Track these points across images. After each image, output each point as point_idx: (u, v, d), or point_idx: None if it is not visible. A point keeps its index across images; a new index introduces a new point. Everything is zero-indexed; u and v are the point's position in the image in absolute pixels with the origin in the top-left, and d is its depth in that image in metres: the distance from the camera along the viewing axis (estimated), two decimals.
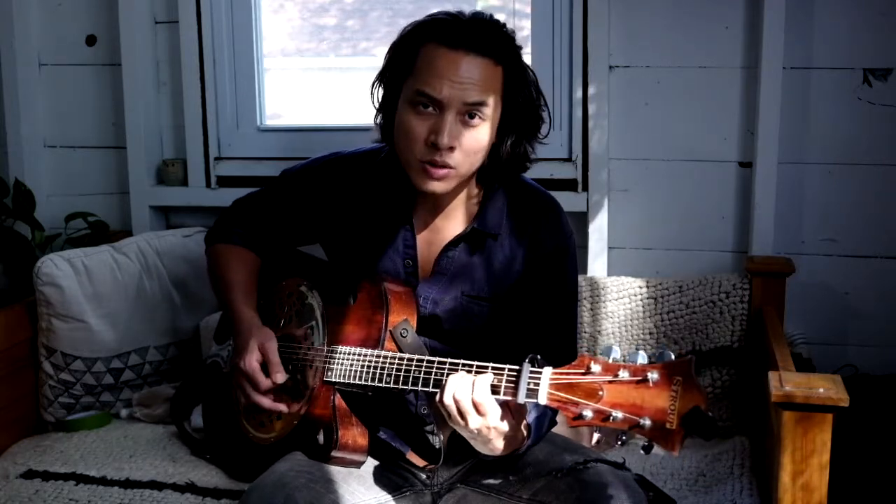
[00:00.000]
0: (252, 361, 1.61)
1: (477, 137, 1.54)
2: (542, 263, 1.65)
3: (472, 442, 1.46)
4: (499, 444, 1.43)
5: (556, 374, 1.34)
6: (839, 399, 1.47)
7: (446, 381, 1.41)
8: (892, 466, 1.96)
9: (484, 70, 1.52)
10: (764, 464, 1.85)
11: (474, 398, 1.38)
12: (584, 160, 2.32)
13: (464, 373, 1.41)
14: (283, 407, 1.62)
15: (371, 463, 1.64)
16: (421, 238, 1.67)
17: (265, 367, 1.62)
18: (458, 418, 1.39)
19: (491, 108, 1.54)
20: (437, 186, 1.56)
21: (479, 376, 1.39)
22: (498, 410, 1.39)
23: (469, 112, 1.52)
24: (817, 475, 1.51)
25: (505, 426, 1.40)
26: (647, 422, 1.25)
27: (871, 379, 2.17)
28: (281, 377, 1.61)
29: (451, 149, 1.52)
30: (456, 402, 1.39)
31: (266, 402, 1.62)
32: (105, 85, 2.56)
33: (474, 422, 1.39)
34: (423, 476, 1.65)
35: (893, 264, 2.26)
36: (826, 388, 1.49)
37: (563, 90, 2.34)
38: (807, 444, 1.50)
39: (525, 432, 1.47)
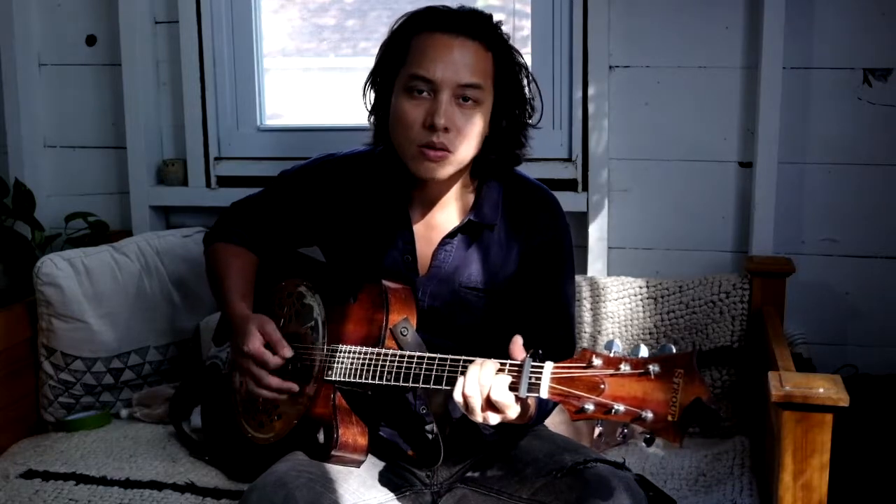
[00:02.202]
0: (255, 343, 1.60)
1: (472, 121, 1.56)
2: (537, 255, 1.66)
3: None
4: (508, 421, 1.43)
5: (557, 367, 1.34)
6: (839, 399, 1.47)
7: (466, 377, 1.39)
8: (892, 466, 1.96)
9: (475, 53, 1.55)
10: (764, 464, 1.85)
11: (493, 398, 1.36)
12: (584, 160, 2.32)
13: (480, 369, 1.39)
14: (293, 386, 1.61)
15: (371, 462, 1.64)
16: (418, 233, 1.67)
17: (269, 349, 1.61)
18: (478, 417, 1.39)
19: (484, 93, 1.56)
20: (436, 171, 1.56)
21: (498, 376, 1.38)
22: (517, 408, 1.38)
23: (463, 95, 1.54)
24: (817, 475, 1.51)
25: (516, 414, 1.40)
26: (649, 414, 1.25)
27: (871, 379, 2.17)
28: (288, 351, 1.61)
29: (447, 130, 1.53)
30: (476, 395, 1.37)
31: (276, 381, 1.60)
32: (105, 85, 2.56)
33: (493, 419, 1.39)
34: (423, 475, 1.65)
35: (893, 264, 2.26)
36: (826, 388, 1.49)
37: (563, 90, 2.34)
38: (807, 444, 1.50)
39: (533, 410, 1.47)
